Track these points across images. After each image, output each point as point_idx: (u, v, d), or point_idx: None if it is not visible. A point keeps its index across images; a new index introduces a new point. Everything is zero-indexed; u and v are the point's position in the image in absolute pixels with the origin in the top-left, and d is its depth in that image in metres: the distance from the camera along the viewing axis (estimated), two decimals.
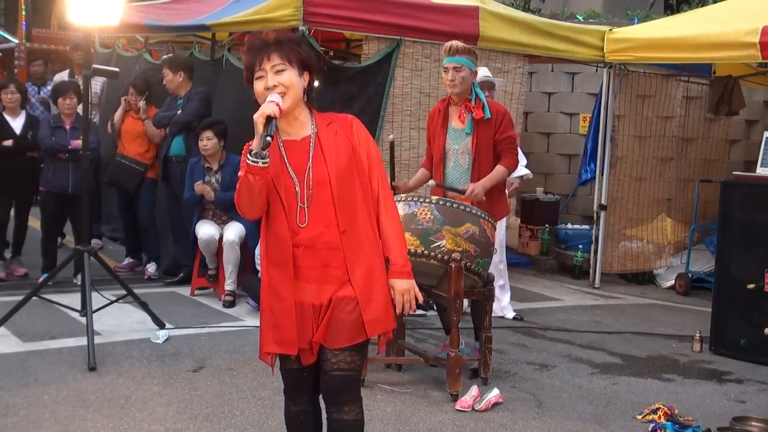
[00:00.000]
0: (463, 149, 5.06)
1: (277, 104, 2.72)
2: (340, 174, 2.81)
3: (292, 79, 2.79)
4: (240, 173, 2.79)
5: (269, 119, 2.68)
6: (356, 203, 2.85)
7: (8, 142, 6.92)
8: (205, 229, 6.57)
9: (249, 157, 2.71)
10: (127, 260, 7.78)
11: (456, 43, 5.03)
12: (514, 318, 6.60)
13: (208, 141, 6.56)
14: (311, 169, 2.81)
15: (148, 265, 7.50)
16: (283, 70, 2.78)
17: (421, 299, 2.98)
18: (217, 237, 6.57)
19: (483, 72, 6.39)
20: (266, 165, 2.72)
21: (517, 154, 5.19)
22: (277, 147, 2.84)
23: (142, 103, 7.30)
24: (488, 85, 6.34)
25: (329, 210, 2.80)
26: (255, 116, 2.69)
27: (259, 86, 2.81)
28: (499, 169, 5.03)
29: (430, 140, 5.26)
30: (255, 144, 2.71)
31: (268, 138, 2.67)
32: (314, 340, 2.84)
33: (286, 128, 2.87)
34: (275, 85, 2.77)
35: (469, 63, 4.99)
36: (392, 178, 5.19)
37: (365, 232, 2.86)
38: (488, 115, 4.98)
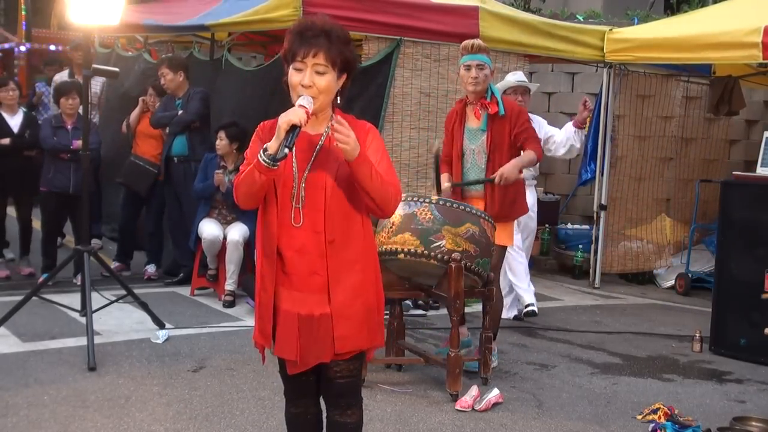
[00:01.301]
0: (479, 149, 5.00)
1: (307, 111, 2.61)
2: (338, 181, 2.71)
3: (329, 84, 2.68)
4: (245, 161, 2.71)
5: (294, 128, 2.58)
6: (352, 215, 2.76)
7: (5, 141, 6.92)
8: (210, 229, 6.57)
9: (261, 155, 2.60)
10: (115, 264, 7.35)
11: (479, 41, 5.03)
12: (515, 318, 6.60)
13: (219, 141, 6.63)
14: (310, 169, 2.73)
15: (148, 266, 7.46)
16: (323, 73, 2.67)
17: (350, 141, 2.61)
18: (221, 237, 6.57)
19: (518, 77, 6.33)
20: (276, 168, 2.62)
21: (540, 143, 5.12)
22: None
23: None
24: (522, 90, 6.24)
25: (320, 216, 2.72)
26: (280, 120, 2.58)
27: (294, 78, 2.68)
28: (529, 153, 4.90)
29: (447, 143, 5.19)
30: (272, 146, 2.60)
31: (287, 150, 2.56)
32: (324, 361, 2.78)
33: None
34: (310, 86, 2.66)
35: (490, 62, 5.00)
36: (437, 189, 4.98)
37: (357, 248, 2.77)
38: (502, 112, 4.93)
